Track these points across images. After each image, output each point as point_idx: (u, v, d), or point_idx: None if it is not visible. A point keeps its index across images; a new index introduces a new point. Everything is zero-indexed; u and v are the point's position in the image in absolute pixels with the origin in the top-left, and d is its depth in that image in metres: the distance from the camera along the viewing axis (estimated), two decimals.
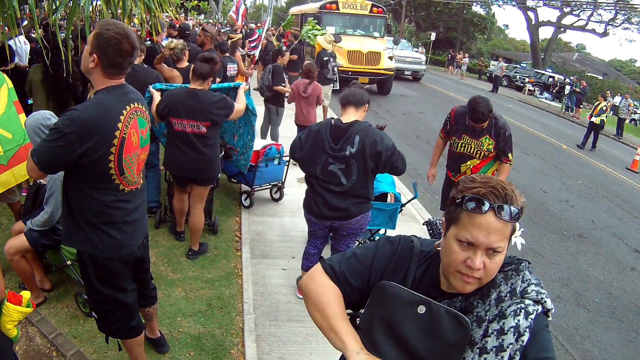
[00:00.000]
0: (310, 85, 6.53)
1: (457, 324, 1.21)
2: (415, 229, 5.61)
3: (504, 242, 1.21)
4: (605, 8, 31.76)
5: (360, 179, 3.25)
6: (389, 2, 36.50)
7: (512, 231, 1.23)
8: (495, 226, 1.18)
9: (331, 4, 16.19)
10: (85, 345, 3.07)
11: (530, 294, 1.21)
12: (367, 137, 3.16)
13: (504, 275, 1.27)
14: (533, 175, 9.48)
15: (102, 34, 1.99)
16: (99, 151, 2.03)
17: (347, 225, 3.43)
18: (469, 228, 1.21)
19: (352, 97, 3.31)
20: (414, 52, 24.05)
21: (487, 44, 49.33)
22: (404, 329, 1.25)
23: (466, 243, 1.22)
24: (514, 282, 1.24)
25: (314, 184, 3.41)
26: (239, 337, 3.40)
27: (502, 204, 1.19)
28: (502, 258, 1.24)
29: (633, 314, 4.98)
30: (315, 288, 1.40)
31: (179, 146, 3.91)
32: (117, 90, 2.13)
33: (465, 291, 1.27)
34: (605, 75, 35.47)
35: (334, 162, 3.24)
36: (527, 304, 1.19)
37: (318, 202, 3.38)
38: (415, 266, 1.39)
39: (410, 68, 21.85)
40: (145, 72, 4.43)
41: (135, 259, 2.42)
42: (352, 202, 3.31)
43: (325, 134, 3.24)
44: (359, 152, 3.16)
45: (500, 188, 1.20)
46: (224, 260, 4.39)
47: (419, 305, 1.25)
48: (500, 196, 1.19)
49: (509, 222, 1.19)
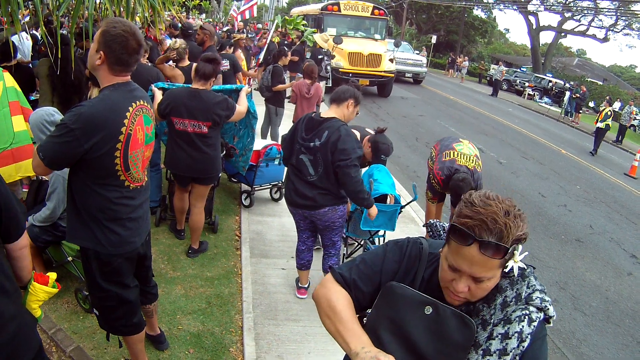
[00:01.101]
0: (313, 85, 6.56)
1: (463, 325, 1.23)
2: (414, 231, 5.64)
3: (490, 273, 1.20)
4: (606, 14, 31.87)
5: (326, 173, 3.40)
6: (390, 5, 36.55)
7: (504, 261, 1.19)
8: (479, 259, 1.16)
9: (333, 5, 16.22)
10: (85, 341, 3.09)
11: (534, 300, 1.23)
12: (333, 134, 3.31)
13: (510, 281, 1.28)
14: (532, 179, 9.51)
15: (109, 31, 2.02)
16: (105, 147, 2.05)
17: (317, 216, 3.56)
18: (454, 255, 1.22)
19: (335, 94, 3.49)
20: (415, 55, 24.10)
21: (487, 48, 49.36)
22: (410, 329, 1.27)
23: (452, 267, 1.24)
24: (520, 288, 1.26)
25: (289, 172, 3.63)
26: (238, 335, 3.42)
27: (489, 239, 1.15)
28: (491, 284, 1.24)
29: (629, 319, 5.01)
30: (324, 294, 1.42)
31: (180, 145, 3.93)
32: (123, 87, 2.15)
33: (454, 305, 1.28)
34: (605, 81, 35.52)
35: (305, 153, 3.43)
36: (531, 310, 1.21)
37: (290, 189, 3.60)
38: (423, 268, 1.40)
39: (411, 70, 21.86)
40: (146, 70, 4.45)
41: (138, 255, 2.44)
42: (317, 192, 3.46)
43: (301, 125, 3.46)
44: (323, 146, 3.33)
45: (492, 220, 1.15)
46: (223, 259, 4.40)
47: (426, 306, 1.27)
48: (489, 230, 1.15)
49: (493, 258, 1.16)
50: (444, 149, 4.45)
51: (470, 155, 4.34)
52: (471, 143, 4.60)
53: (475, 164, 4.32)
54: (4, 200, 1.63)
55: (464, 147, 4.42)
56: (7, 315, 1.59)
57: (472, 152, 4.41)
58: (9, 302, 1.61)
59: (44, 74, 4.49)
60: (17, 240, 1.74)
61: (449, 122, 14.02)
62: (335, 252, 3.80)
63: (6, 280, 1.62)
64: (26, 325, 1.70)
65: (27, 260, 1.84)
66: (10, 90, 3.49)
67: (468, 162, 4.28)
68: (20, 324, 1.65)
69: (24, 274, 1.85)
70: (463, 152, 4.34)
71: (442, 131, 12.50)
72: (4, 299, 1.58)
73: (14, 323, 1.61)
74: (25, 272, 1.85)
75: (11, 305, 1.62)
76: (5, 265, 1.65)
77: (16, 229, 1.73)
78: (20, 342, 1.65)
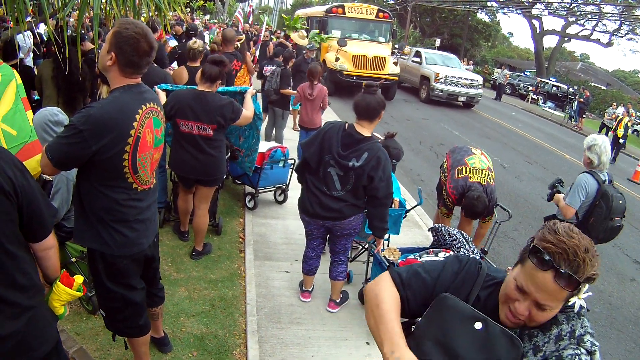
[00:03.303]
0: (315, 87, 6.54)
1: (511, 345, 1.24)
2: (418, 235, 5.62)
3: (554, 303, 1.23)
4: (610, 18, 31.80)
5: (354, 190, 3.34)
6: (395, 7, 36.57)
7: (570, 295, 1.23)
8: (550, 287, 1.19)
9: (337, 7, 16.23)
10: (88, 342, 3.08)
11: (586, 343, 1.25)
12: (373, 159, 3.22)
13: (567, 316, 1.30)
14: (535, 183, 9.49)
15: (121, 33, 2.01)
16: (113, 149, 2.05)
17: (341, 226, 3.49)
18: (526, 276, 1.24)
19: (365, 108, 3.30)
20: (468, 72, 19.05)
21: (491, 52, 49.35)
22: (457, 341, 1.28)
23: (519, 287, 1.25)
24: (575, 325, 1.28)
25: (309, 184, 3.48)
26: (241, 338, 3.41)
27: (567, 270, 1.17)
28: (552, 314, 1.26)
29: (632, 325, 4.99)
30: (375, 290, 1.44)
31: (185, 147, 3.92)
32: (134, 89, 2.15)
33: (507, 327, 1.29)
34: (608, 86, 35.49)
35: (334, 166, 3.31)
36: (582, 352, 1.23)
37: (312, 202, 3.45)
38: (479, 287, 1.41)
39: (465, 93, 17.12)
40: (153, 71, 4.45)
41: (146, 257, 2.43)
42: (343, 204, 3.40)
43: (337, 137, 3.29)
44: (361, 168, 3.24)
45: (573, 252, 1.18)
46: (227, 261, 4.40)
47: (476, 321, 1.28)
48: (568, 261, 1.18)
49: (564, 289, 1.19)
50: (456, 164, 4.41)
51: (482, 170, 4.31)
52: (484, 154, 4.56)
53: (488, 177, 4.29)
54: (28, 197, 1.62)
55: (475, 160, 4.38)
56: (21, 307, 1.62)
57: (484, 165, 4.38)
58: (24, 296, 1.64)
59: (49, 76, 4.48)
60: (42, 240, 1.74)
61: (453, 126, 14.00)
62: (345, 259, 3.79)
63: (22, 276, 1.63)
64: (43, 319, 1.73)
65: (51, 261, 1.85)
66: (20, 87, 3.57)
67: (480, 177, 4.26)
68: (36, 317, 1.68)
69: (49, 273, 1.87)
70: (475, 167, 4.31)
71: (446, 135, 12.49)
72: (17, 293, 1.61)
73: (27, 315, 1.64)
74: (50, 272, 1.87)
75: (26, 299, 1.65)
76: (22, 260, 1.65)
77: (41, 230, 1.72)
78: (34, 334, 1.67)
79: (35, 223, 1.68)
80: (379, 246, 3.68)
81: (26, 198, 1.61)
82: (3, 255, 1.56)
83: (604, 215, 3.84)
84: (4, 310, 1.58)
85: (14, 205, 1.58)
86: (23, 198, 1.60)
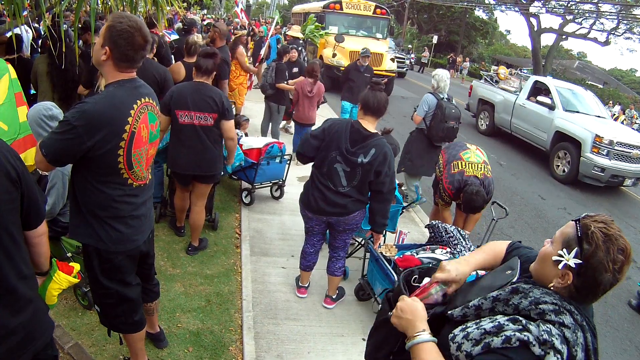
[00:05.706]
0: (315, 84, 6.53)
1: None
2: (414, 231, 5.63)
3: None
4: (607, 17, 31.83)
5: (360, 186, 3.38)
6: (392, 4, 36.51)
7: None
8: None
9: (335, 3, 16.17)
10: (84, 337, 3.07)
11: (545, 326, 1.27)
12: (380, 155, 3.27)
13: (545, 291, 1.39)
14: (531, 181, 9.51)
15: (115, 27, 1.99)
16: (108, 145, 2.03)
17: (344, 221, 3.51)
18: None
19: (372, 104, 3.34)
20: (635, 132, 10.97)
21: (488, 49, 49.37)
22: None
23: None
24: (558, 303, 1.35)
25: (315, 179, 3.49)
26: (237, 334, 3.41)
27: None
28: None
29: (628, 323, 5.01)
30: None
31: (182, 141, 3.90)
32: (128, 84, 2.12)
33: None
34: (605, 84, 35.60)
35: (342, 162, 3.32)
36: (532, 330, 1.26)
37: (317, 198, 3.47)
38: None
39: (636, 171, 9.25)
40: (153, 67, 4.42)
41: (141, 253, 2.42)
42: (349, 200, 3.41)
43: (345, 134, 3.31)
44: (368, 164, 3.27)
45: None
46: (223, 256, 4.39)
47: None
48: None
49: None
50: (451, 159, 4.41)
51: (478, 163, 4.32)
52: (479, 149, 4.56)
53: (484, 170, 4.29)
54: (28, 188, 1.65)
55: (471, 155, 4.39)
56: (26, 298, 1.64)
57: (479, 158, 4.38)
58: (27, 286, 1.66)
59: (44, 72, 4.44)
60: (36, 227, 1.77)
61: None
62: (343, 255, 3.79)
63: (25, 266, 1.66)
64: (41, 310, 1.76)
65: (45, 247, 1.88)
66: (14, 81, 3.55)
67: (476, 170, 4.26)
68: (37, 308, 1.71)
69: (41, 261, 1.90)
70: (471, 161, 4.31)
71: None
72: (22, 283, 1.62)
73: (31, 306, 1.66)
74: (42, 259, 1.90)
75: (29, 290, 1.67)
76: (24, 251, 1.69)
77: (36, 217, 1.75)
78: (37, 325, 1.69)
79: (33, 210, 1.71)
80: (377, 242, 3.68)
81: (27, 186, 1.64)
82: (12, 245, 1.58)
83: (439, 119, 5.50)
84: (15, 302, 1.60)
85: (19, 192, 1.61)
86: (25, 186, 1.63)
